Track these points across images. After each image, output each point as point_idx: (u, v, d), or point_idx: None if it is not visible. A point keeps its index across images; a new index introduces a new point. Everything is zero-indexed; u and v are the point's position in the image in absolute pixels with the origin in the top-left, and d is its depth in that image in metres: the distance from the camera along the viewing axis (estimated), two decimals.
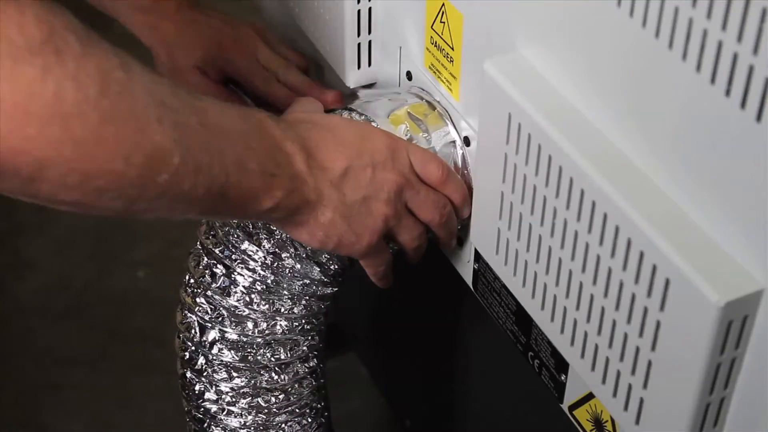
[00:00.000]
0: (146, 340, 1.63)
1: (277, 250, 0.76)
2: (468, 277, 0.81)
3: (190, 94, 0.61)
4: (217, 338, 0.78)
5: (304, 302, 0.78)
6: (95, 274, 1.75)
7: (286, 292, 0.77)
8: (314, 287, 0.78)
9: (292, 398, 0.81)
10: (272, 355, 0.79)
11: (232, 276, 0.77)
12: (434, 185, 0.74)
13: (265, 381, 0.80)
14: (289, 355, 0.80)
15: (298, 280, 0.77)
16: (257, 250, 0.76)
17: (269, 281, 0.76)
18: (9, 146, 0.50)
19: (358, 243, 0.71)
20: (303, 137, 0.68)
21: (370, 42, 0.84)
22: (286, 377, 0.80)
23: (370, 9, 0.82)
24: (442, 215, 0.75)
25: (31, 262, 1.78)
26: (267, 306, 0.77)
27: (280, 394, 0.81)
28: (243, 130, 0.64)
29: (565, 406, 0.73)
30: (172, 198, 0.58)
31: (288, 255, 0.76)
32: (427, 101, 0.79)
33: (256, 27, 0.98)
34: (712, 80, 0.50)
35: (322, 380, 0.84)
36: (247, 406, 0.80)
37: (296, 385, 0.81)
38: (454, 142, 0.77)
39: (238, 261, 0.76)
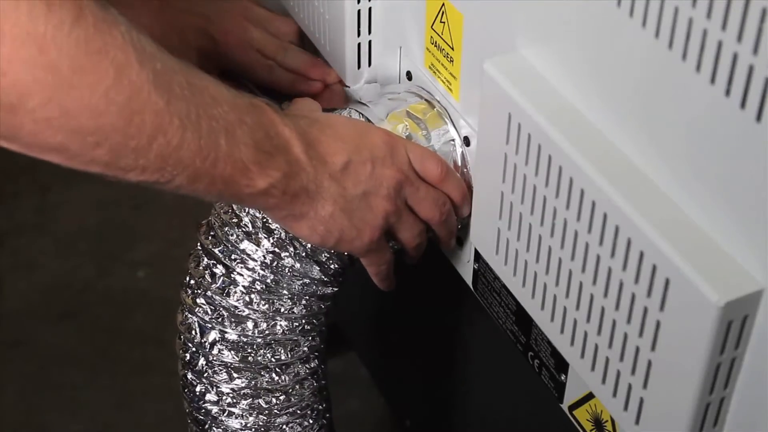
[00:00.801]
0: (146, 340, 1.63)
1: (276, 249, 0.76)
2: (468, 277, 0.81)
3: (180, 60, 0.59)
4: (217, 339, 0.78)
5: (304, 302, 0.78)
6: (95, 274, 1.75)
7: (285, 292, 0.77)
8: (314, 287, 0.78)
9: (293, 399, 0.81)
10: (273, 356, 0.79)
11: (232, 276, 0.76)
12: (433, 182, 0.74)
13: (266, 382, 0.80)
14: (289, 355, 0.80)
15: (298, 280, 0.77)
16: (257, 250, 0.76)
17: (269, 281, 0.76)
18: None
19: (359, 239, 0.71)
20: (303, 130, 0.68)
21: (370, 42, 0.84)
22: (287, 378, 0.80)
23: (370, 9, 0.82)
24: (441, 213, 0.75)
25: (31, 262, 1.78)
26: (267, 306, 0.77)
27: (280, 395, 0.81)
28: (236, 104, 0.63)
29: (565, 406, 0.73)
30: (159, 153, 0.57)
31: (288, 254, 0.76)
32: (426, 100, 0.79)
33: (241, 6, 0.93)
34: (712, 80, 0.50)
35: (323, 381, 0.84)
36: (247, 407, 0.80)
37: (297, 386, 0.81)
38: (453, 141, 0.77)
39: (238, 260, 0.76)
